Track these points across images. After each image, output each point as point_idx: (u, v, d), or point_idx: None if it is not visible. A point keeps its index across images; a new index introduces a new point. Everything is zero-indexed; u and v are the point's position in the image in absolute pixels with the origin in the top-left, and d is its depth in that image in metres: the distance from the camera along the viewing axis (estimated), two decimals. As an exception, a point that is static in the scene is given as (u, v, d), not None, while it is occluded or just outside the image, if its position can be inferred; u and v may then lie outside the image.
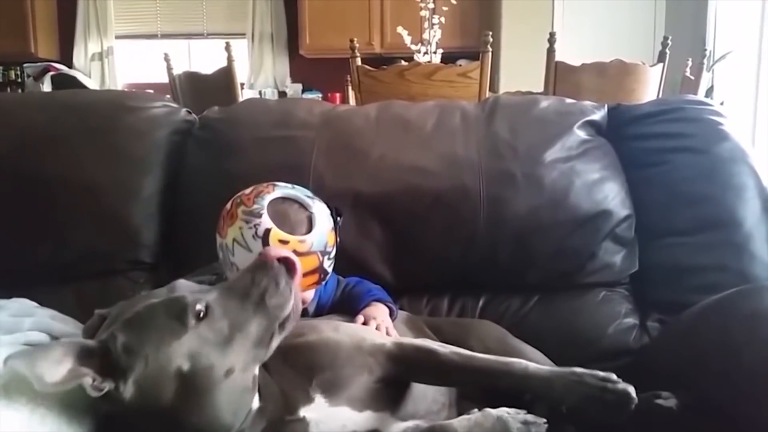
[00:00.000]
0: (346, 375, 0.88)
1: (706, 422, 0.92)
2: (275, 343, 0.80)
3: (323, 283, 1.10)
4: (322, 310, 1.15)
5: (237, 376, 0.75)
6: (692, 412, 0.95)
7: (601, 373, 0.86)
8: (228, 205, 1.05)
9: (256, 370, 0.80)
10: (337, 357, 0.89)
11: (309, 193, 1.10)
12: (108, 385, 0.71)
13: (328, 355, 0.87)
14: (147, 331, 0.74)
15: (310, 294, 1.09)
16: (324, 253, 1.04)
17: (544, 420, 0.82)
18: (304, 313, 1.12)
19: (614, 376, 0.86)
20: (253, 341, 0.77)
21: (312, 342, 0.90)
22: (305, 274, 1.00)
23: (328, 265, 1.07)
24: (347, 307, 1.14)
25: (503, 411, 0.83)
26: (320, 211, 1.06)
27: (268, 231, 0.99)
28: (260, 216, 1.00)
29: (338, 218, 1.10)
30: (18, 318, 0.98)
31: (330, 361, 0.88)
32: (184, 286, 0.81)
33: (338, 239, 1.09)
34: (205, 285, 0.83)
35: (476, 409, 0.85)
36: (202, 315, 0.75)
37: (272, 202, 1.03)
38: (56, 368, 0.68)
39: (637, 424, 0.88)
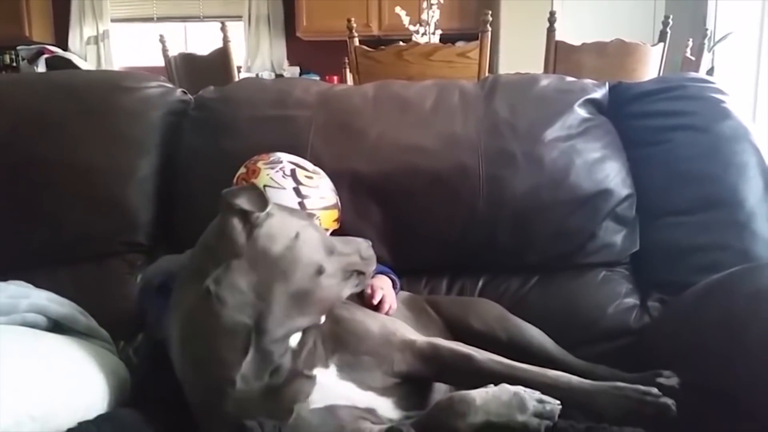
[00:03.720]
0: (364, 361, 0.91)
1: (708, 401, 0.92)
2: (347, 291, 0.93)
3: None
4: None
5: (321, 280, 0.86)
6: (694, 391, 0.95)
7: (643, 387, 0.87)
8: (242, 170, 1.13)
9: (330, 296, 0.89)
10: (361, 344, 0.92)
11: None
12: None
13: (353, 339, 0.91)
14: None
15: None
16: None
17: (558, 402, 0.82)
18: None
19: (655, 390, 0.86)
20: (345, 267, 0.91)
21: (347, 319, 0.95)
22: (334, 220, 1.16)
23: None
24: None
25: (519, 388, 0.84)
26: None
27: (294, 170, 1.10)
28: (281, 162, 1.11)
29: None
30: (15, 299, 0.97)
31: (354, 345, 0.91)
32: None
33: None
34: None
35: (492, 384, 0.85)
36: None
37: (284, 156, 1.14)
38: None
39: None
